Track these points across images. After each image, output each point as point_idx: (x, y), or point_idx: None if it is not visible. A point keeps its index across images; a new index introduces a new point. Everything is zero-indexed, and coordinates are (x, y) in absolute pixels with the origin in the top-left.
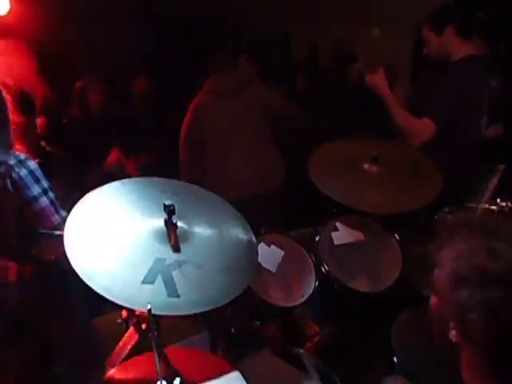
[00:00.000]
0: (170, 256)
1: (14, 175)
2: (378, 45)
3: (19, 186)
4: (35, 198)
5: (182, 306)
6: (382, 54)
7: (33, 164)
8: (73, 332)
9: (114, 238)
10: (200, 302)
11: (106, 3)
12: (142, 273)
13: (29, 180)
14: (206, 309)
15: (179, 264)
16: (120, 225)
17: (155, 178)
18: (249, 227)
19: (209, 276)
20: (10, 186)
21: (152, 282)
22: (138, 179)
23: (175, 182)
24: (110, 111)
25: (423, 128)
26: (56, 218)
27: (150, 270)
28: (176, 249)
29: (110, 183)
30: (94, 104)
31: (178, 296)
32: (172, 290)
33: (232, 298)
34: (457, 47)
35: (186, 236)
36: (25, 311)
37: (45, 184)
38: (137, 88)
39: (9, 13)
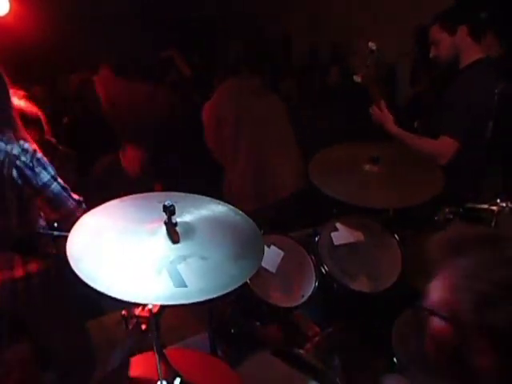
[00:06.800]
0: (173, 252)
1: (20, 164)
2: (375, 59)
3: (27, 174)
4: (47, 185)
5: (190, 295)
6: (380, 68)
7: (37, 152)
8: (70, 334)
9: (115, 241)
10: (209, 289)
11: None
12: (147, 271)
13: (36, 167)
14: (216, 295)
15: (184, 258)
16: (121, 229)
17: (153, 193)
18: (249, 219)
19: (216, 265)
20: (16, 175)
21: (157, 277)
22: (137, 196)
23: (174, 193)
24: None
25: (444, 147)
26: (72, 202)
27: (154, 268)
28: (177, 244)
29: (108, 202)
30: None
31: (186, 286)
32: (179, 281)
33: (242, 282)
34: (468, 49)
35: (188, 233)
36: (29, 310)
37: (52, 171)
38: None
39: (9, 13)
